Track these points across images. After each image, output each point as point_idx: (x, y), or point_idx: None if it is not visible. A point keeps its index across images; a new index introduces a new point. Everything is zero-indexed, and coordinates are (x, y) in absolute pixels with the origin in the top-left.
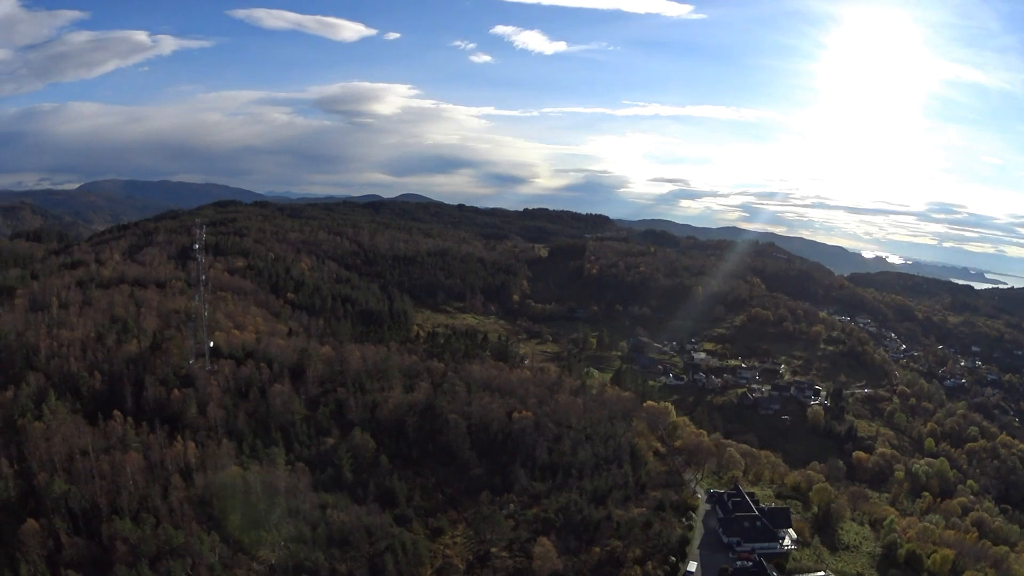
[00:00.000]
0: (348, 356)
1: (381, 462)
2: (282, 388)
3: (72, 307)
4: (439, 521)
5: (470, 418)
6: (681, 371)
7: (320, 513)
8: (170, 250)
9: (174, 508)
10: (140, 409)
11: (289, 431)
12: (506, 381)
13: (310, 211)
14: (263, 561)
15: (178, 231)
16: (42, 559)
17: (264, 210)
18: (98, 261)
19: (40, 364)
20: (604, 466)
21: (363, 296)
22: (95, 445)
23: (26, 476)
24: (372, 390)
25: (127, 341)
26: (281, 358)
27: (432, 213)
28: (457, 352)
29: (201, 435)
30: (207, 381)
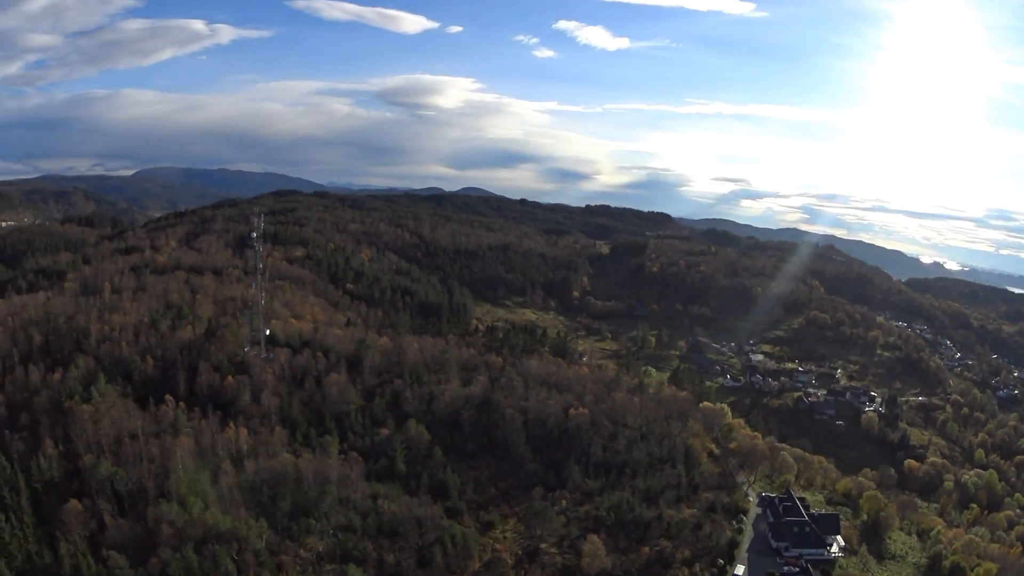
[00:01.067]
0: (406, 348)
1: (435, 454)
2: (338, 378)
3: (125, 292)
4: (490, 515)
5: (526, 413)
6: (739, 372)
7: (371, 503)
8: (227, 238)
9: (223, 493)
10: (192, 395)
11: (344, 421)
12: (564, 377)
13: (371, 202)
14: (310, 549)
15: (236, 219)
16: (84, 539)
17: (324, 200)
18: (153, 247)
19: (90, 348)
20: (658, 466)
21: (423, 288)
22: (145, 429)
23: (71, 457)
24: (429, 382)
25: (181, 327)
26: (338, 348)
27: (494, 207)
28: (516, 347)
29: (254, 422)
30: (262, 369)
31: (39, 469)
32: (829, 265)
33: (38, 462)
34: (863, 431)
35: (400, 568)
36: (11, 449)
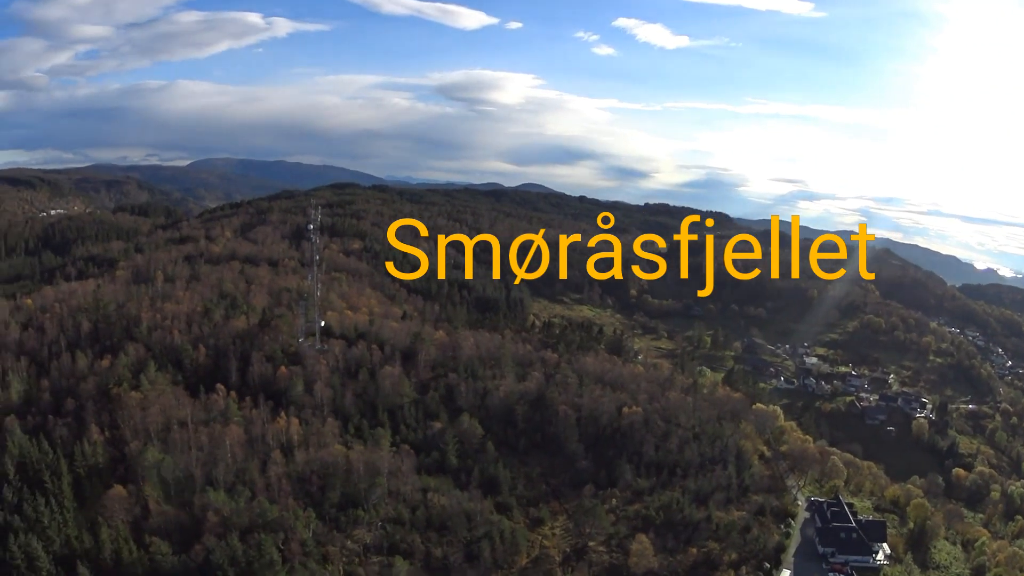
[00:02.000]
0: (462, 342)
1: (487, 449)
2: (393, 370)
3: (178, 281)
4: (540, 511)
5: (580, 410)
6: (792, 375)
7: (421, 496)
8: (284, 229)
9: (271, 483)
10: (245, 384)
11: (397, 413)
12: (618, 375)
13: (430, 196)
14: (358, 540)
15: (293, 211)
16: (126, 525)
17: (383, 194)
18: (208, 237)
19: (140, 335)
20: (709, 467)
21: (480, 283)
22: (195, 417)
23: (117, 444)
24: (484, 377)
25: (235, 317)
26: (394, 340)
27: (553, 204)
28: (572, 343)
29: (306, 413)
30: (316, 360)
31: (83, 455)
32: (884, 269)
33: (82, 448)
34: (913, 438)
35: (447, 562)
36: (54, 434)
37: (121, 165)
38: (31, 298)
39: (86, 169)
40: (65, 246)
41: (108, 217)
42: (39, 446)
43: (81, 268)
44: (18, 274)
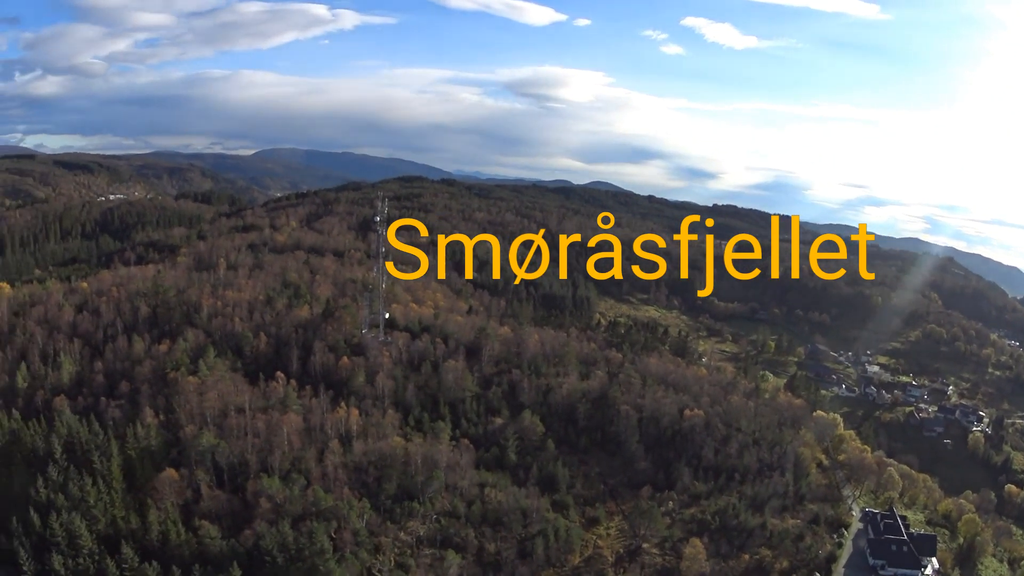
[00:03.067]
0: (526, 338)
1: (547, 446)
2: (456, 364)
3: (241, 269)
4: (596, 511)
5: (642, 411)
6: (854, 383)
7: (478, 491)
8: (350, 221)
9: (327, 472)
10: (305, 373)
11: (458, 407)
12: (681, 377)
13: (498, 192)
14: (411, 532)
15: (360, 202)
16: (176, 507)
17: (451, 188)
18: (273, 226)
19: (200, 322)
20: (767, 473)
21: (547, 280)
22: (253, 404)
23: (171, 427)
24: (547, 374)
25: (298, 306)
26: (458, 335)
27: (621, 202)
28: (636, 344)
29: (366, 404)
30: (379, 351)
31: (135, 437)
32: (948, 278)
33: (135, 430)
34: (968, 451)
35: (500, 557)
36: (106, 416)
37: (184, 153)
38: (87, 281)
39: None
40: (124, 231)
41: (170, 203)
42: (89, 427)
43: (141, 253)
44: (73, 257)
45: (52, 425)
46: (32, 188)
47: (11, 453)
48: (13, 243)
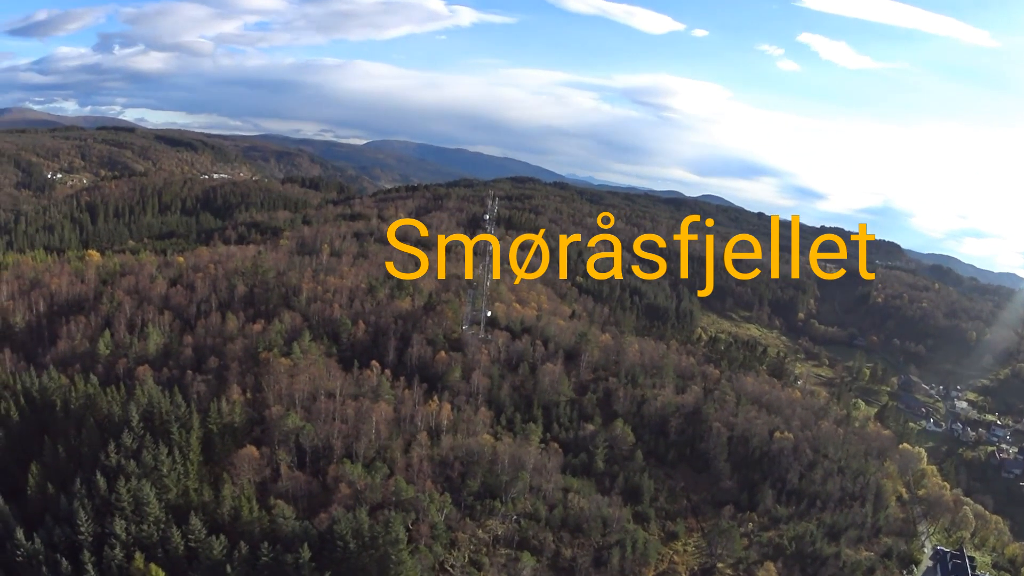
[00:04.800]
0: (626, 347)
1: (636, 457)
2: (554, 368)
3: (344, 257)
4: (676, 526)
5: (733, 430)
6: (941, 418)
7: (561, 495)
8: (460, 217)
9: (412, 463)
10: (401, 365)
11: (551, 411)
12: (775, 399)
13: (610, 199)
14: (489, 530)
15: (470, 199)
16: (252, 485)
17: (563, 191)
18: (380, 217)
19: (298, 305)
20: (848, 502)
21: (652, 290)
22: (344, 390)
23: (256, 406)
24: (643, 385)
25: (400, 298)
26: (559, 338)
27: (731, 218)
28: (734, 361)
29: (459, 399)
30: (477, 348)
31: (218, 412)
32: None
33: (219, 405)
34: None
35: (574, 564)
36: (190, 389)
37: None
38: (183, 256)
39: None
40: (226, 210)
41: (276, 187)
42: (171, 398)
43: (242, 233)
44: (171, 231)
45: (132, 393)
46: (130, 161)
47: (84, 417)
48: (107, 213)
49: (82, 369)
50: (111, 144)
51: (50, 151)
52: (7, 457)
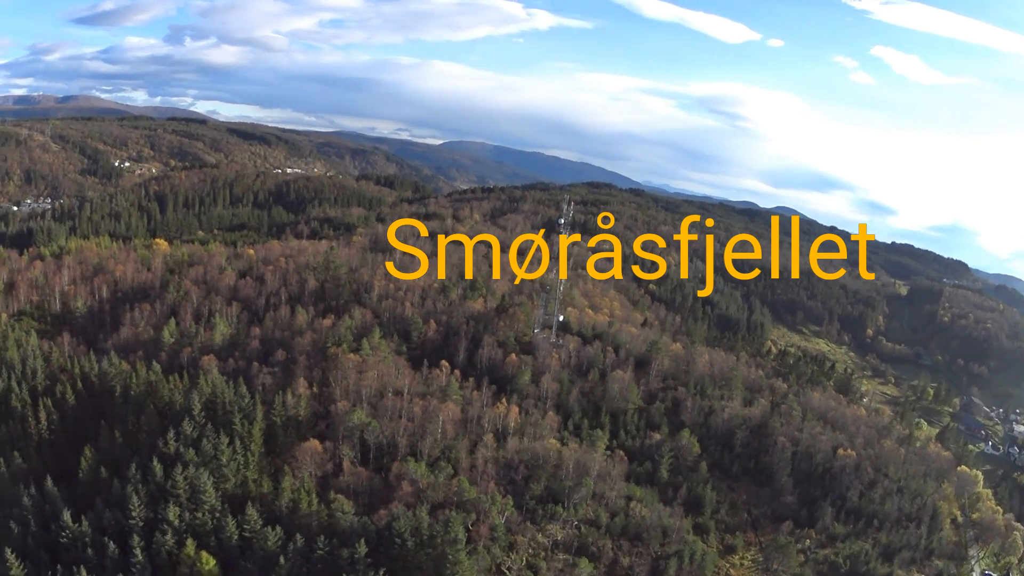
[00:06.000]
0: (696, 357)
1: (700, 468)
2: (623, 375)
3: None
4: (735, 539)
5: (797, 445)
6: (999, 441)
7: (623, 503)
8: (535, 220)
9: (476, 464)
10: (471, 365)
11: (619, 418)
12: (841, 415)
13: (685, 207)
14: (549, 534)
15: (545, 203)
16: (313, 478)
17: (638, 198)
18: (455, 217)
19: (369, 302)
20: (904, 523)
21: (724, 301)
22: (412, 388)
23: (322, 401)
24: (711, 396)
25: (473, 298)
26: (630, 345)
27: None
28: (802, 376)
29: (528, 403)
30: (548, 352)
31: (283, 405)
32: None
33: (284, 398)
34: None
35: (631, 572)
36: (256, 381)
37: (369, 135)
38: (254, 249)
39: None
40: (299, 205)
41: (350, 183)
42: (235, 389)
43: (315, 228)
44: (242, 224)
45: (195, 382)
46: (201, 152)
47: (143, 403)
48: (176, 203)
49: (144, 356)
50: (182, 135)
51: (118, 139)
52: (61, 440)
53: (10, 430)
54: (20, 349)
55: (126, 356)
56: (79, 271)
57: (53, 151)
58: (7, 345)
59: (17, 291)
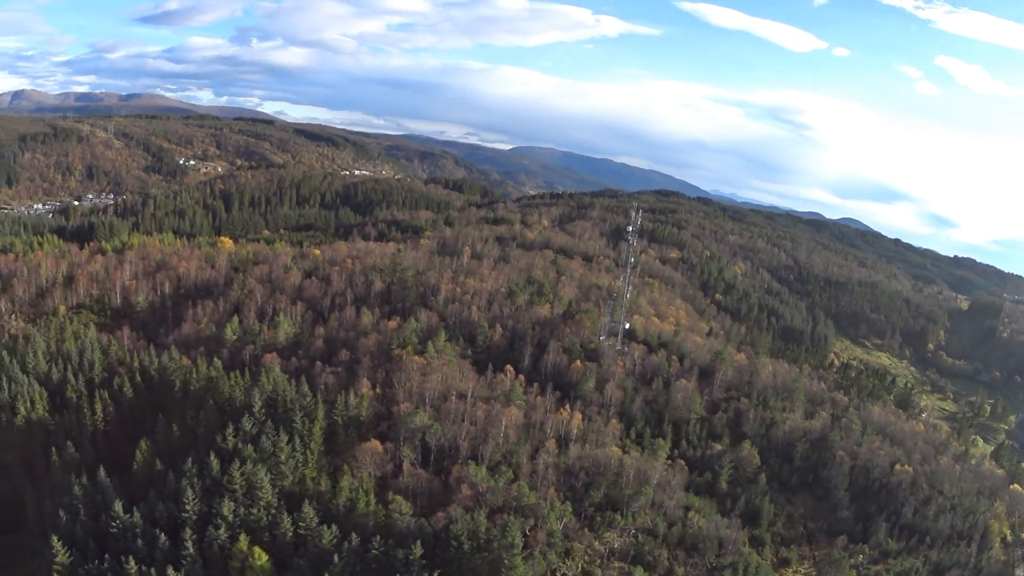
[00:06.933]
0: (760, 368)
1: (759, 480)
2: (687, 385)
3: (486, 260)
4: (790, 552)
5: (856, 459)
6: None
7: (681, 513)
8: (603, 227)
9: (537, 470)
10: (535, 371)
11: (681, 428)
12: (899, 430)
13: (751, 217)
14: (606, 542)
15: (614, 210)
16: (372, 478)
17: (706, 207)
18: (524, 222)
19: (436, 305)
20: (956, 540)
21: (789, 312)
22: (476, 392)
23: (385, 402)
24: (773, 408)
25: (539, 304)
26: (694, 355)
27: (869, 242)
28: (864, 389)
29: (591, 410)
30: (613, 360)
31: (345, 405)
32: None
33: (346, 398)
34: None
35: None
36: (318, 380)
37: (437, 139)
38: (320, 249)
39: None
40: (367, 207)
41: (418, 186)
42: (297, 387)
43: (382, 230)
44: (308, 224)
45: (256, 379)
46: (268, 152)
47: (203, 398)
48: (242, 202)
49: (206, 352)
50: (248, 135)
51: (183, 138)
52: (116, 432)
53: (64, 421)
54: (78, 341)
55: (187, 352)
56: (141, 267)
57: (116, 148)
58: (64, 337)
59: (76, 284)
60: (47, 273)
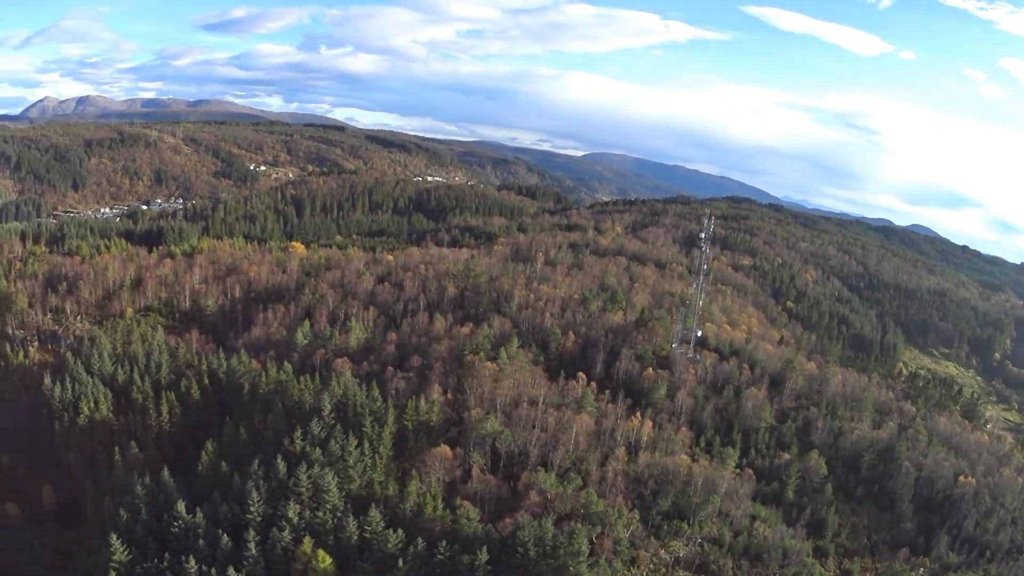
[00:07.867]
0: (830, 377)
1: (825, 490)
2: (757, 393)
3: (559, 267)
4: (852, 564)
5: (921, 470)
6: None
7: (747, 523)
8: (675, 234)
9: (606, 477)
10: (607, 378)
11: (751, 436)
12: (964, 441)
13: (822, 223)
14: (672, 551)
15: (686, 217)
16: (440, 484)
17: (778, 214)
18: (597, 229)
19: (509, 311)
20: (1015, 554)
21: (859, 320)
22: (548, 399)
23: (456, 407)
24: (842, 417)
25: (612, 311)
26: (765, 363)
27: (938, 249)
28: (931, 399)
29: (661, 417)
30: (685, 368)
31: (415, 410)
32: None
33: (416, 403)
34: None
35: None
36: (389, 385)
37: (510, 145)
38: (393, 255)
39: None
40: (440, 213)
41: (492, 193)
42: (368, 392)
43: (455, 236)
44: (381, 230)
45: (327, 383)
46: (339, 158)
47: (271, 401)
48: (313, 207)
49: (275, 356)
50: (319, 141)
51: (253, 144)
52: (181, 433)
53: (129, 422)
54: (145, 343)
55: (256, 355)
56: (211, 270)
57: (185, 153)
58: (131, 339)
59: (145, 287)
60: (114, 276)
